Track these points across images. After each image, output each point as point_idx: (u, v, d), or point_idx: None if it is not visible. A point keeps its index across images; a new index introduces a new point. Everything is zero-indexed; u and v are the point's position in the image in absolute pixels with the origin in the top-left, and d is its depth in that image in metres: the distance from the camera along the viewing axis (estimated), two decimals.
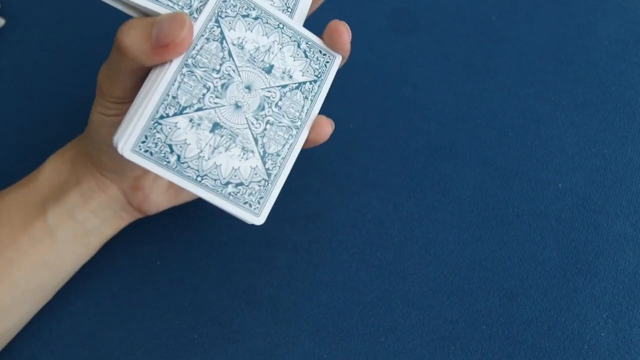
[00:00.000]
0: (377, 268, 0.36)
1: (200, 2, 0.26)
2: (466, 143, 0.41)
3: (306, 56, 0.29)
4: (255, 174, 0.27)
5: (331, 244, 0.37)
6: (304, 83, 0.28)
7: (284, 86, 0.28)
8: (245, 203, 0.26)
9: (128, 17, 0.29)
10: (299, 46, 0.28)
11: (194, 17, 0.26)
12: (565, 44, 0.44)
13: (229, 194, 0.26)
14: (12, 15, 0.48)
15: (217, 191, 0.26)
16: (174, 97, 0.25)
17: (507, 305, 0.35)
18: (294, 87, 0.28)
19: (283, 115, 0.28)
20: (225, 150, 0.26)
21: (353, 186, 0.39)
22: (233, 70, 0.26)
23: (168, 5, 0.26)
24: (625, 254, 0.36)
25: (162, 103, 0.25)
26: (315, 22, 0.34)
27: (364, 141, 0.41)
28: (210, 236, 0.38)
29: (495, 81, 0.43)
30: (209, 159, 0.25)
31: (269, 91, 0.27)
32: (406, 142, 0.41)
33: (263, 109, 0.27)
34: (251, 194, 0.26)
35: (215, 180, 0.26)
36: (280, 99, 0.28)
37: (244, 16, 0.27)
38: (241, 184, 0.26)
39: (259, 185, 0.27)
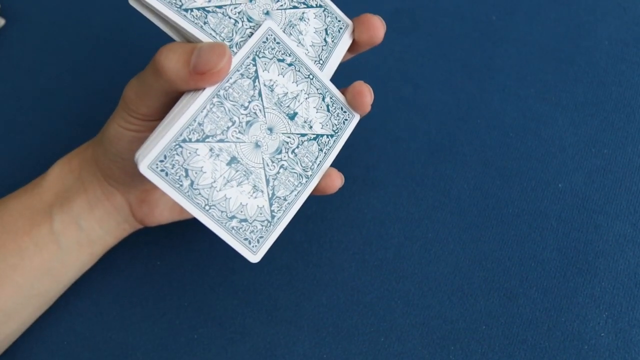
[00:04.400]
0: (377, 268, 0.36)
1: (241, 38, 0.27)
2: (466, 143, 0.41)
3: (328, 110, 0.30)
4: (261, 214, 0.27)
5: (331, 244, 0.37)
6: (322, 136, 0.29)
7: (303, 135, 0.29)
8: (246, 239, 0.27)
9: (127, 22, 0.29)
10: (323, 99, 0.29)
11: (233, 51, 0.27)
12: (565, 44, 0.44)
13: (232, 227, 0.26)
14: (12, 15, 0.48)
15: (222, 223, 0.26)
16: (199, 124, 0.25)
17: (507, 305, 0.35)
18: (312, 138, 0.29)
19: (297, 163, 0.28)
20: (237, 185, 0.26)
21: (353, 186, 0.39)
22: (260, 110, 0.27)
23: (211, 34, 0.26)
24: (625, 254, 0.36)
25: (188, 127, 0.25)
26: None
27: (364, 141, 0.41)
28: (210, 236, 0.38)
29: (495, 81, 0.43)
30: (220, 190, 0.26)
31: (289, 137, 0.28)
32: (406, 142, 0.41)
33: (280, 152, 0.28)
34: (252, 232, 0.27)
35: (222, 212, 0.26)
36: (297, 147, 0.28)
37: (279, 60, 0.28)
38: (245, 220, 0.27)
39: (262, 225, 0.27)
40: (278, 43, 0.28)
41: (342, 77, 0.38)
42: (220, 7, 0.27)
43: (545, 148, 0.40)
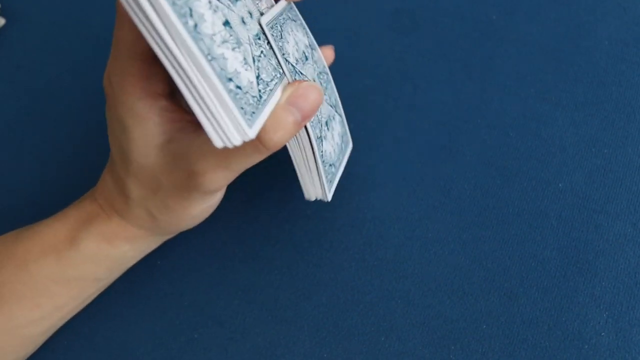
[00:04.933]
0: (377, 268, 0.36)
1: (269, 56, 0.28)
2: (466, 143, 0.41)
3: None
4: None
5: (331, 244, 0.37)
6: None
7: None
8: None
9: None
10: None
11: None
12: (565, 44, 0.44)
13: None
14: (12, 15, 0.48)
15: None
16: None
17: (507, 305, 0.35)
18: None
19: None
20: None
21: (353, 186, 0.39)
22: None
23: (274, 88, 0.27)
24: (626, 253, 0.36)
25: None
26: (321, 23, 0.34)
27: (364, 141, 0.41)
28: (210, 236, 0.38)
29: (495, 81, 0.43)
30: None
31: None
32: (406, 142, 0.41)
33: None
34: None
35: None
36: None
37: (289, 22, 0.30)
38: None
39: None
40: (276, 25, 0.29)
41: (343, 76, 0.38)
42: (256, 59, 0.27)
43: (545, 148, 0.40)
